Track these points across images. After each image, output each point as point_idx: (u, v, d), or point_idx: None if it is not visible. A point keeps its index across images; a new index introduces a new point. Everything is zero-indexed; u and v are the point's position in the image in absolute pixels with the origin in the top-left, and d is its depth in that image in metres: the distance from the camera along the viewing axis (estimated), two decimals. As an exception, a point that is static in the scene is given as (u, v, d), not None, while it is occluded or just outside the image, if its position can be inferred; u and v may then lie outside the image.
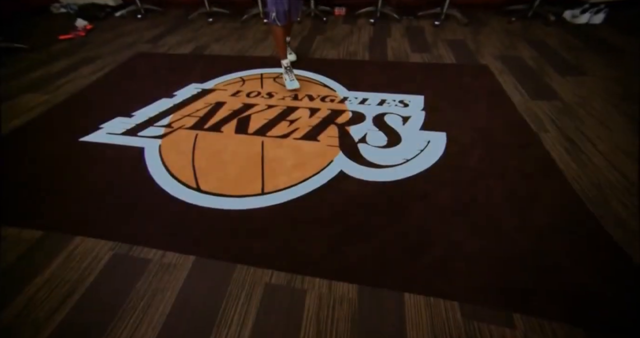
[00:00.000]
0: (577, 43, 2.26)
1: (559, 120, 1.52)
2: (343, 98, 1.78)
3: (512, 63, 2.08)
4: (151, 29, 3.11)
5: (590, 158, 1.29)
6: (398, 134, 1.48)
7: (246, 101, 1.80)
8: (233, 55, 2.42)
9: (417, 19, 2.97)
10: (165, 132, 1.61)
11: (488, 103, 1.69)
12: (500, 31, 2.59)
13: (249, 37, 2.76)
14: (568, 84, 1.80)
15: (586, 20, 2.50)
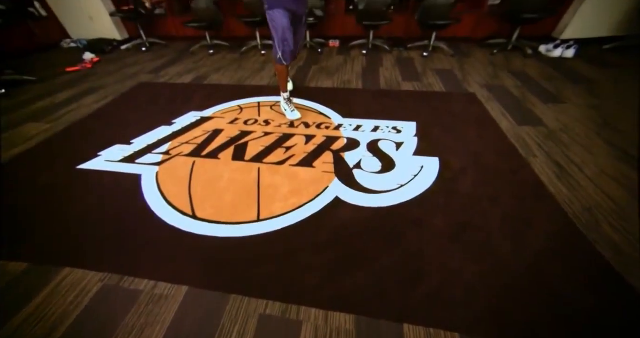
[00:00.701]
0: (554, 74, 2.47)
1: (546, 146, 1.61)
2: (338, 125, 1.88)
3: (497, 91, 2.25)
4: (154, 60, 3.32)
5: (578, 182, 1.36)
6: (392, 160, 1.55)
7: (243, 128, 1.89)
8: (232, 85, 2.58)
9: (407, 51, 3.23)
10: (163, 159, 1.66)
11: (478, 129, 1.80)
12: (484, 62, 2.82)
13: (247, 68, 2.96)
14: (550, 111, 1.93)
15: (559, 54, 2.75)
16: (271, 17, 1.67)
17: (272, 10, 1.65)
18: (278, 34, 1.70)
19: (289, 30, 1.69)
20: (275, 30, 1.70)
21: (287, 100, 1.96)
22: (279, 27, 1.67)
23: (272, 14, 1.66)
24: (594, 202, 1.25)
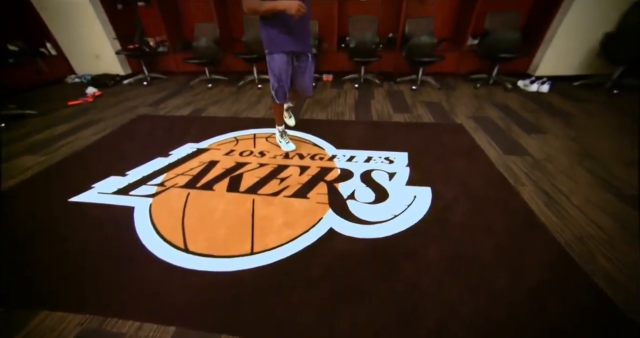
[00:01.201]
0: (534, 106, 2.67)
1: (533, 175, 1.69)
2: (332, 156, 1.95)
3: (483, 122, 2.39)
4: (154, 94, 3.50)
5: (567, 211, 1.41)
6: (385, 190, 1.60)
7: (239, 160, 1.96)
8: (228, 117, 2.71)
9: (396, 84, 3.48)
10: (157, 190, 1.69)
11: (467, 158, 1.89)
12: (469, 95, 3.04)
13: (244, 100, 3.12)
14: (534, 141, 2.06)
15: (536, 89, 3.01)
16: (269, 60, 1.74)
17: (271, 55, 1.72)
18: (275, 76, 1.78)
19: (285, 73, 1.76)
20: (271, 72, 1.78)
21: (282, 133, 2.06)
22: (275, 70, 1.75)
23: (270, 58, 1.73)
24: (584, 231, 1.28)
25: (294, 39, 1.66)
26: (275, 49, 1.68)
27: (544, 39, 3.19)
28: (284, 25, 1.60)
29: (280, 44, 1.66)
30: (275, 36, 1.64)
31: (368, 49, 3.36)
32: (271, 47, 1.68)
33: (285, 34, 1.62)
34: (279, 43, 1.66)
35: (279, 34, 1.62)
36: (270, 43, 1.67)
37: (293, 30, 1.63)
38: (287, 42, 1.66)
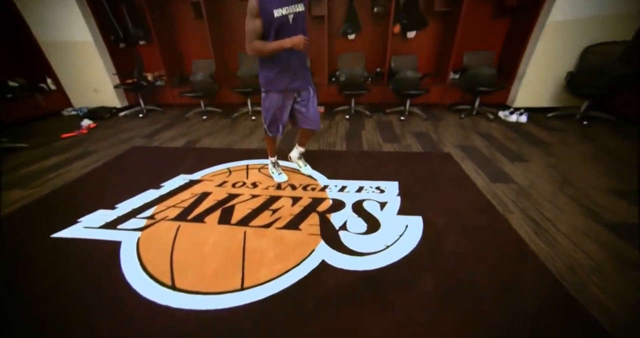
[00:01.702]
0: (514, 136, 2.84)
1: (519, 202, 1.76)
2: (324, 186, 2.00)
3: (469, 151, 2.52)
4: (150, 125, 3.60)
5: (555, 238, 1.45)
6: (377, 220, 1.63)
7: (231, 191, 1.98)
8: (222, 148, 2.78)
9: (385, 115, 3.68)
10: (147, 223, 1.68)
11: (456, 187, 1.96)
12: (455, 125, 3.23)
13: (237, 132, 3.24)
14: (517, 169, 2.17)
15: (515, 119, 3.24)
16: (264, 97, 1.75)
17: (267, 93, 1.72)
18: (268, 113, 1.77)
19: (280, 110, 1.76)
20: (265, 109, 1.78)
21: (274, 164, 2.13)
22: (269, 108, 1.76)
23: (266, 96, 1.73)
24: (574, 260, 1.31)
25: (293, 77, 1.66)
26: (272, 89, 1.69)
27: (517, 75, 3.51)
28: (282, 64, 1.60)
29: (277, 83, 1.66)
30: (273, 76, 1.64)
31: (357, 82, 3.62)
32: (268, 87, 1.69)
33: (284, 73, 1.63)
34: (276, 83, 1.66)
35: (277, 73, 1.63)
36: (267, 83, 1.68)
37: (291, 68, 1.63)
38: (284, 81, 1.66)
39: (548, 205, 1.72)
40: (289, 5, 1.43)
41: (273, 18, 1.42)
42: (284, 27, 1.47)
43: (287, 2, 1.43)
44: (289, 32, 1.48)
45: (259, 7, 1.40)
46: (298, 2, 1.46)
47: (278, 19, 1.43)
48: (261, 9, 1.40)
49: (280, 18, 1.44)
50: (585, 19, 3.01)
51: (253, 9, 1.41)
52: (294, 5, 1.45)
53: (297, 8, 1.47)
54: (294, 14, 1.46)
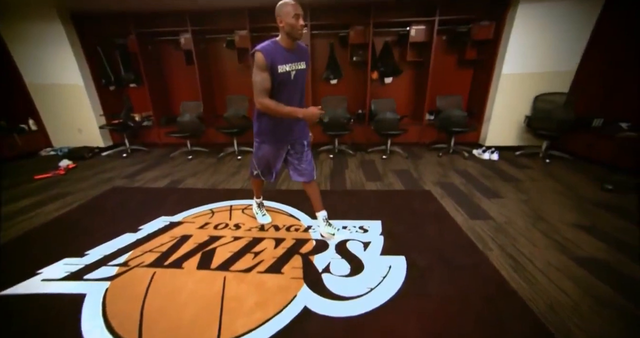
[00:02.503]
0: (489, 173, 3.06)
1: (497, 239, 1.84)
2: (307, 227, 2.02)
3: (448, 188, 2.67)
4: (133, 165, 3.60)
5: (533, 275, 1.50)
6: (360, 261, 1.64)
7: (213, 233, 1.96)
8: (206, 188, 2.80)
9: (368, 154, 3.88)
10: (118, 272, 1.60)
11: (437, 224, 2.03)
12: (433, 163, 3.44)
13: (223, 171, 3.29)
14: (493, 205, 2.30)
15: (488, 157, 3.52)
16: (257, 147, 1.75)
17: (261, 143, 1.71)
18: (261, 162, 1.78)
19: (274, 159, 1.75)
20: (257, 158, 1.78)
21: (259, 205, 2.15)
22: (262, 157, 1.76)
23: (259, 146, 1.73)
24: (553, 298, 1.35)
25: (289, 131, 1.67)
26: (267, 140, 1.69)
27: (485, 117, 3.90)
28: (279, 120, 1.60)
29: (273, 136, 1.66)
30: (269, 128, 1.65)
31: (340, 123, 3.87)
32: (262, 137, 1.69)
33: (280, 126, 1.63)
34: (272, 135, 1.66)
35: (274, 126, 1.63)
36: (261, 133, 1.68)
37: (288, 122, 1.64)
38: (280, 134, 1.66)
39: (524, 241, 1.80)
40: (292, 63, 1.50)
41: (276, 73, 1.46)
42: (285, 82, 1.51)
43: (291, 60, 1.49)
44: (288, 87, 1.54)
45: (266, 62, 1.42)
46: (301, 60, 1.54)
47: (280, 75, 1.47)
48: (268, 62, 1.42)
49: (283, 74, 1.48)
50: (532, 73, 3.55)
51: (261, 63, 1.42)
52: (297, 63, 1.52)
53: (300, 65, 1.54)
54: (296, 70, 1.52)
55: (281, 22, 1.42)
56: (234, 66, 4.31)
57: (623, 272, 1.52)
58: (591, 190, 2.55)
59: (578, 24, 3.31)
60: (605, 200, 2.36)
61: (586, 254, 1.66)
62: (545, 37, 3.38)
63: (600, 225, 1.98)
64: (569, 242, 1.79)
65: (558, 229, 1.93)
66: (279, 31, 1.48)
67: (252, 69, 1.46)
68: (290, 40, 1.47)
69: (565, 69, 3.51)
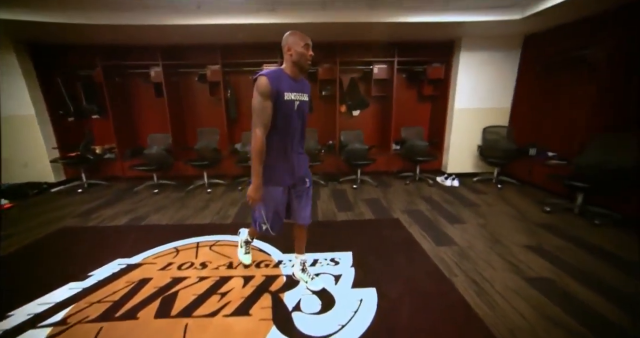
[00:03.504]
0: (451, 199, 3.29)
1: (461, 264, 1.94)
2: (278, 262, 1.98)
3: (415, 215, 2.80)
4: (88, 202, 3.34)
5: (494, 299, 1.58)
6: (331, 296, 1.62)
7: (176, 274, 1.84)
8: (171, 225, 2.66)
9: (339, 184, 3.98)
10: (51, 333, 1.38)
11: (406, 252, 2.09)
12: (401, 191, 3.62)
13: (190, 206, 3.17)
14: (456, 230, 2.44)
15: (450, 184, 3.80)
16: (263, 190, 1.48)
17: (267, 187, 1.48)
18: (269, 210, 1.53)
19: (281, 204, 1.55)
20: (264, 205, 1.52)
21: (248, 243, 1.97)
22: (270, 204, 1.52)
23: (264, 189, 1.47)
24: (512, 322, 1.42)
25: (293, 169, 1.52)
26: (274, 179, 1.49)
27: (445, 147, 4.27)
28: (283, 155, 1.48)
29: (278, 177, 1.49)
30: (273, 169, 1.47)
31: (311, 154, 3.99)
32: (267, 175, 1.46)
33: (283, 165, 1.49)
34: (277, 177, 1.49)
35: (277, 166, 1.48)
36: (265, 171, 1.45)
37: (291, 160, 1.50)
38: (285, 175, 1.51)
39: (484, 265, 1.92)
40: (297, 92, 1.43)
41: (282, 100, 1.37)
42: (290, 112, 1.42)
43: (296, 89, 1.43)
44: (293, 118, 1.44)
45: (270, 88, 1.32)
46: (305, 92, 1.48)
47: (286, 103, 1.39)
48: (273, 88, 1.33)
49: (288, 102, 1.40)
50: (479, 108, 4.05)
51: (264, 90, 1.32)
52: (302, 93, 1.46)
53: (304, 97, 1.47)
54: (300, 101, 1.45)
55: (289, 50, 1.38)
56: (206, 99, 4.38)
57: (565, 289, 1.67)
58: (535, 212, 2.84)
59: (506, 69, 3.94)
60: (546, 221, 2.64)
61: (535, 274, 1.81)
62: (484, 79, 3.95)
63: (544, 244, 2.19)
64: (521, 263, 1.94)
65: (512, 251, 2.10)
66: (284, 61, 1.43)
67: (253, 95, 1.35)
68: (296, 69, 1.42)
69: (503, 105, 4.08)
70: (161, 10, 2.92)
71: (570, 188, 2.74)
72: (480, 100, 4.02)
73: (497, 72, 3.94)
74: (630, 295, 1.61)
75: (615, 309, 1.49)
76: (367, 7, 2.96)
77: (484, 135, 4.04)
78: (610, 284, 1.70)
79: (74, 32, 3.19)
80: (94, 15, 2.90)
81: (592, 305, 1.53)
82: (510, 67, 3.94)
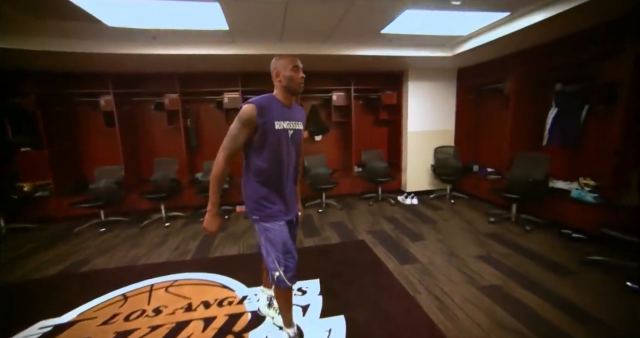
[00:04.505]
0: (412, 217, 3.48)
1: (424, 281, 2.02)
2: (242, 297, 1.88)
3: (380, 236, 2.88)
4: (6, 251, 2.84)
5: (455, 313, 1.66)
6: (300, 330, 1.56)
7: (122, 328, 1.63)
8: (121, 267, 2.40)
9: (305, 208, 3.98)
10: None
11: (372, 275, 2.12)
12: (365, 212, 3.73)
13: (145, 243, 2.90)
14: (418, 248, 2.57)
15: (410, 202, 4.04)
16: (264, 228, 1.32)
17: (269, 223, 1.32)
18: (276, 248, 1.31)
19: (288, 239, 1.36)
20: (271, 245, 1.32)
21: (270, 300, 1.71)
22: (278, 241, 1.31)
23: (268, 227, 1.32)
24: (472, 334, 1.50)
25: (287, 203, 1.39)
26: (273, 219, 1.33)
27: (402, 167, 4.58)
28: (279, 189, 1.35)
29: (277, 212, 1.34)
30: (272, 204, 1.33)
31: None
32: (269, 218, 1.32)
33: (280, 199, 1.36)
34: (276, 212, 1.33)
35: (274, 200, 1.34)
36: (259, 207, 1.32)
37: (286, 193, 1.38)
38: (283, 209, 1.36)
39: (443, 279, 2.02)
40: (290, 121, 1.34)
41: (273, 129, 1.27)
42: (282, 142, 1.31)
43: (289, 117, 1.33)
44: (287, 147, 1.33)
45: (254, 118, 1.22)
46: (298, 120, 1.39)
47: (277, 132, 1.28)
48: (259, 118, 1.22)
49: (280, 131, 1.29)
50: (429, 131, 4.48)
51: (245, 118, 1.22)
52: (295, 122, 1.37)
53: (298, 125, 1.38)
54: (294, 131, 1.36)
55: (278, 76, 1.31)
56: (163, 128, 4.21)
57: (511, 294, 1.83)
58: (482, 224, 3.13)
59: (447, 96, 4.49)
60: (491, 230, 2.92)
61: (487, 283, 1.97)
62: (430, 105, 4.43)
63: (492, 253, 2.41)
64: (475, 273, 2.09)
65: (466, 262, 2.26)
66: (275, 87, 1.35)
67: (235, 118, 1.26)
68: (288, 95, 1.34)
69: (448, 128, 4.58)
70: (114, 39, 2.83)
71: (506, 199, 3.12)
72: (429, 123, 4.46)
73: (440, 99, 4.45)
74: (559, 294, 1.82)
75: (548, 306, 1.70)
76: (320, 42, 3.22)
77: (436, 155, 4.42)
78: (543, 285, 1.93)
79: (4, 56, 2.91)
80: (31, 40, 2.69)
81: (532, 306, 1.71)
82: (450, 95, 4.49)
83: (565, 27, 2.55)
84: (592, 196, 2.58)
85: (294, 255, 1.36)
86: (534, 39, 2.86)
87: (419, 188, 4.49)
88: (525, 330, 1.51)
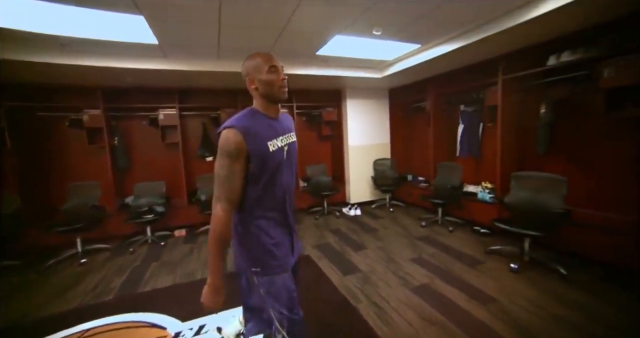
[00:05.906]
0: (355, 227, 3.66)
1: (364, 289, 2.12)
2: (175, 335, 1.70)
3: (324, 249, 2.94)
4: None
5: (390, 316, 1.78)
6: (239, 360, 1.48)
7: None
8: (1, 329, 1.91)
9: (252, 227, 3.85)
10: None
11: (318, 290, 2.15)
12: (312, 226, 3.78)
13: (45, 290, 2.36)
14: (360, 257, 2.70)
15: (354, 213, 4.25)
16: (265, 282, 1.06)
17: (270, 276, 1.06)
18: (282, 305, 1.06)
19: (293, 292, 1.10)
20: (275, 300, 1.06)
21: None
22: (283, 295, 1.06)
23: (269, 281, 1.06)
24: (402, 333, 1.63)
25: (293, 240, 1.15)
26: (279, 269, 1.06)
27: (346, 180, 4.81)
28: (284, 225, 1.11)
29: (283, 258, 1.08)
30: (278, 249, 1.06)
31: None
32: (265, 268, 1.05)
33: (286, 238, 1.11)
34: (282, 259, 1.07)
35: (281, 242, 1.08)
36: (265, 257, 1.05)
37: (292, 226, 1.14)
38: (289, 252, 1.12)
39: (383, 285, 2.16)
40: (283, 135, 1.08)
41: (268, 153, 1.01)
42: (279, 165, 1.05)
43: (281, 131, 1.08)
44: (282, 169, 1.07)
45: (244, 144, 0.96)
46: (290, 131, 1.14)
47: (274, 155, 1.03)
48: (250, 145, 0.97)
49: (276, 153, 1.04)
50: (368, 145, 4.84)
51: (234, 148, 0.95)
52: (288, 134, 1.11)
53: (291, 138, 1.13)
54: (288, 145, 1.10)
55: (252, 82, 1.04)
56: (83, 148, 3.66)
57: (438, 291, 2.05)
58: (416, 228, 3.47)
59: (381, 113, 4.95)
60: (423, 234, 3.26)
61: (418, 283, 2.18)
62: (367, 121, 4.82)
63: (423, 254, 2.68)
64: (408, 275, 2.30)
65: (401, 266, 2.47)
66: (253, 98, 1.09)
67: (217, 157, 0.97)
68: (270, 104, 1.07)
69: (385, 141, 5.02)
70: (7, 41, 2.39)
71: (433, 204, 3.54)
72: (368, 138, 4.82)
73: (375, 115, 4.88)
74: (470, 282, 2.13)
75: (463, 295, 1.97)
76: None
77: (375, 167, 4.77)
78: (460, 277, 2.23)
79: None
80: None
81: (452, 298, 1.95)
82: (384, 112, 4.97)
83: (462, 60, 3.12)
84: (490, 196, 3.16)
85: (300, 317, 1.09)
86: (443, 66, 3.41)
87: (362, 199, 4.76)
88: (447, 321, 1.72)
